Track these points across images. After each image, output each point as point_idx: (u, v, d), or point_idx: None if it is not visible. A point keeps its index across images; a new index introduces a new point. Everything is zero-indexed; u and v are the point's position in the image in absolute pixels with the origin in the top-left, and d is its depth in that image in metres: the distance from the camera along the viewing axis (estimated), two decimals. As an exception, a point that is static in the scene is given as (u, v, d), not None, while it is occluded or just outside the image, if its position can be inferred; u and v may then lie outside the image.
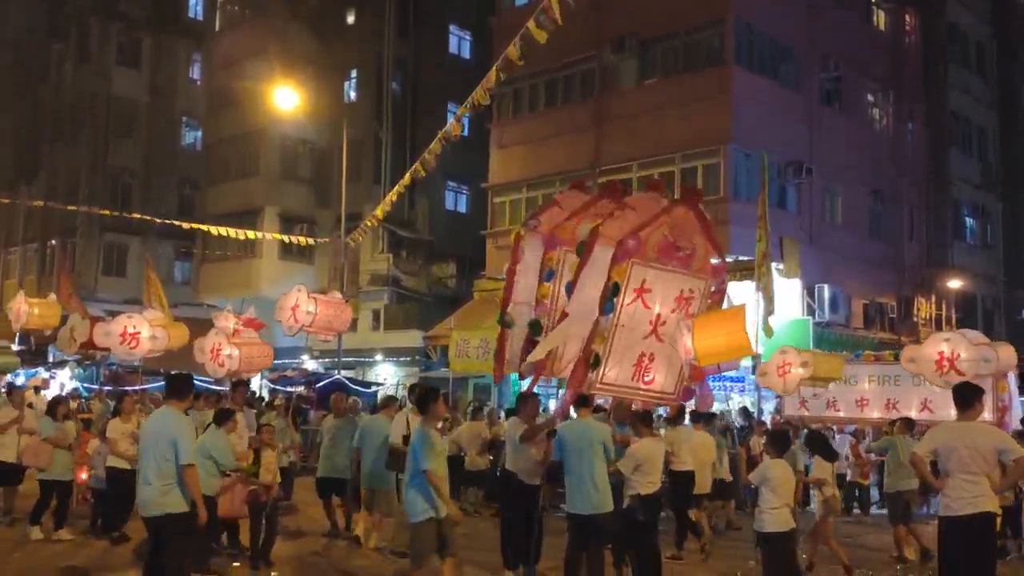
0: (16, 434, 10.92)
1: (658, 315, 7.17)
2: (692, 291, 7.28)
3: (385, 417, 10.22)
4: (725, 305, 7.68)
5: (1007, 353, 10.60)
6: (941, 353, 9.60)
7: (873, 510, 14.82)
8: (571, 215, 7.51)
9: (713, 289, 7.43)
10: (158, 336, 11.48)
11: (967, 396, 6.92)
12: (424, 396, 7.45)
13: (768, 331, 11.35)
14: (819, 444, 9.72)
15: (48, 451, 10.27)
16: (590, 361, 7.02)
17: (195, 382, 7.83)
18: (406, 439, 9.68)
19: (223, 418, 8.56)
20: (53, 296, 14.89)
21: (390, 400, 11.31)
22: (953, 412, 12.04)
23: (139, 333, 11.31)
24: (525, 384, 8.48)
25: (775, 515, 7.46)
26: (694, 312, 7.29)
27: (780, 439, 8.09)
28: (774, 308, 11.47)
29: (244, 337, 10.78)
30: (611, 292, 6.89)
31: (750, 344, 7.84)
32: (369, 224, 19.28)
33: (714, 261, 7.44)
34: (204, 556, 8.14)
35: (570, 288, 7.15)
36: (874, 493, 14.97)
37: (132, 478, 9.07)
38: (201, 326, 13.44)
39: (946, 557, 6.88)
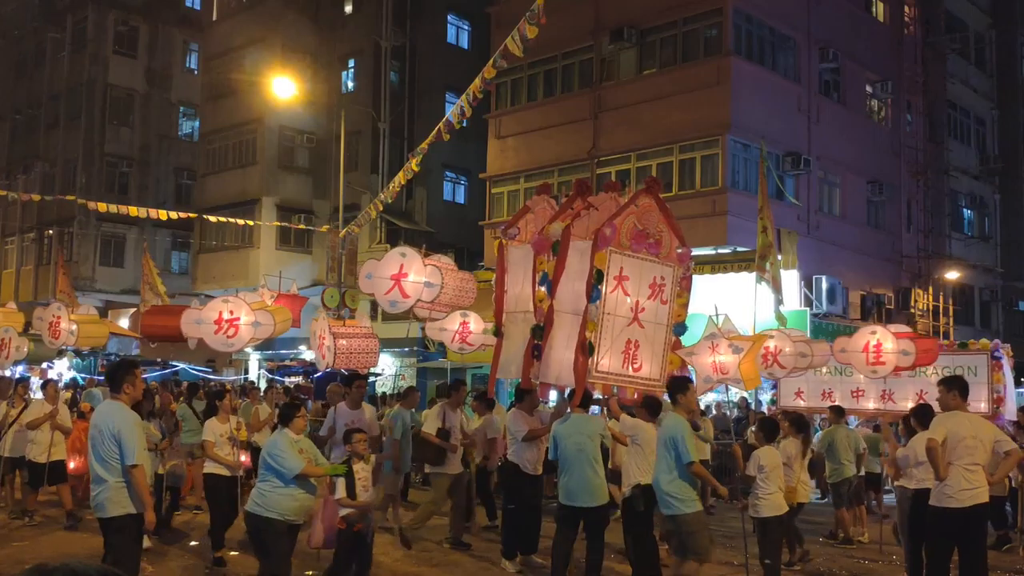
0: (49, 431, 10.55)
1: (636, 302, 7.49)
2: (663, 278, 7.64)
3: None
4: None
5: (821, 349, 11.27)
6: (767, 348, 10.01)
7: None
8: (554, 217, 7.72)
9: (682, 275, 7.82)
10: (262, 322, 9.56)
11: (965, 388, 7.14)
12: (675, 385, 7.28)
13: (782, 320, 11.44)
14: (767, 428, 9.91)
15: None
16: (586, 350, 7.16)
17: (194, 372, 7.58)
18: (439, 432, 9.85)
19: (287, 416, 6.91)
20: (93, 309, 13.40)
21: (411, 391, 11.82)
22: (950, 403, 12.08)
23: (238, 319, 9.39)
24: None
25: (771, 500, 7.63)
26: (667, 299, 7.56)
27: (770, 426, 8.36)
28: (783, 298, 11.53)
29: (349, 327, 9.05)
30: (596, 279, 7.17)
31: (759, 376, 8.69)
32: (371, 214, 19.20)
33: (679, 249, 7.80)
34: None
35: (549, 285, 7.30)
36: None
37: (233, 487, 8.91)
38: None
39: (938, 546, 7.00)
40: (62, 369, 25.16)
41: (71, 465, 10.90)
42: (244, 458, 9.50)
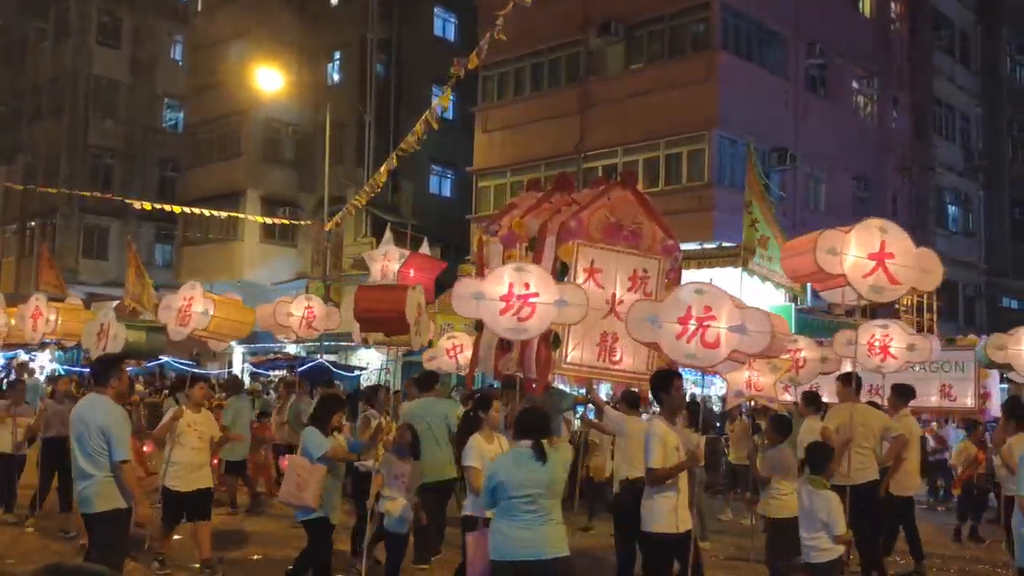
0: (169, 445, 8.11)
1: (613, 294, 7.47)
2: (646, 271, 7.62)
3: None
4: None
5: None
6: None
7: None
8: (526, 212, 7.70)
9: (669, 267, 7.80)
10: (569, 300, 6.62)
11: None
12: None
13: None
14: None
15: (319, 478, 6.78)
16: (550, 341, 7.16)
17: (178, 365, 7.27)
18: None
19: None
20: (234, 294, 11.17)
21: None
22: (934, 399, 12.37)
23: (536, 295, 6.59)
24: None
25: (785, 501, 7.36)
26: (651, 291, 7.55)
27: (783, 423, 7.90)
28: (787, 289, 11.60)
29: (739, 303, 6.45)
30: (559, 272, 7.21)
31: None
32: (352, 208, 19.09)
33: (669, 242, 7.78)
34: None
35: None
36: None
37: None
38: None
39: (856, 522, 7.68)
40: (44, 362, 24.92)
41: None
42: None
